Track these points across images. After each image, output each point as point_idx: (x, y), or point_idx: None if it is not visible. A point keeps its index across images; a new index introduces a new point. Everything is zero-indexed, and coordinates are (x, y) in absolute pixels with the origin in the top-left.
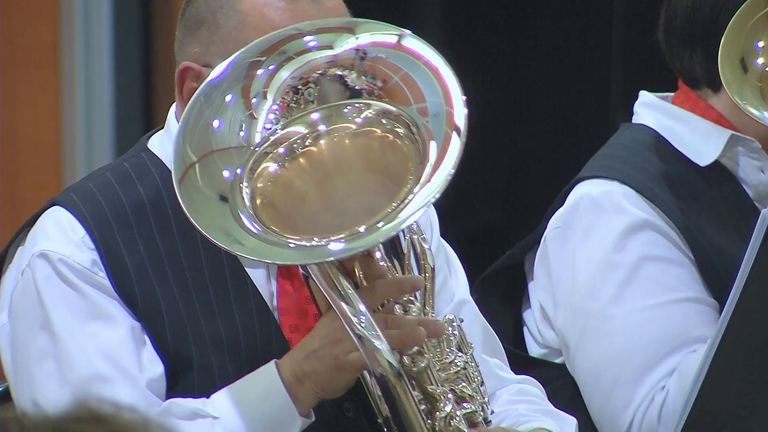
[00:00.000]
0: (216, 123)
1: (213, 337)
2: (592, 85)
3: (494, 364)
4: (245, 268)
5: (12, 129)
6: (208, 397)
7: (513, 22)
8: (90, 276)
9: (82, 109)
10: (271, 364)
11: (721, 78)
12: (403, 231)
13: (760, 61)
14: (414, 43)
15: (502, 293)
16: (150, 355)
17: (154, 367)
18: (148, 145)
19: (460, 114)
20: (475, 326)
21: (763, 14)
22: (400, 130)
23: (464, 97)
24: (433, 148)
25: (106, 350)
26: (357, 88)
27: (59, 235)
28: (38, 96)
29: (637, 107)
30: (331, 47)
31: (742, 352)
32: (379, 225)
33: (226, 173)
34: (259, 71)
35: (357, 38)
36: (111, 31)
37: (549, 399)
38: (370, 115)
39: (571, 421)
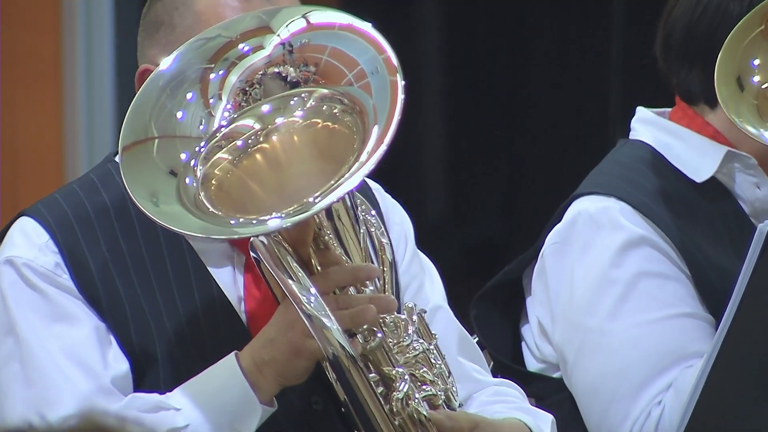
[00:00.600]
0: (180, 114)
1: (178, 335)
2: (591, 100)
3: (471, 367)
4: (209, 270)
5: (14, 138)
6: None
7: (513, 37)
8: (53, 278)
9: (83, 119)
10: (231, 355)
11: (718, 97)
12: (357, 221)
13: (756, 78)
14: (319, 15)
15: (501, 308)
16: (115, 353)
17: (118, 364)
18: (115, 158)
19: (392, 53)
20: (451, 331)
21: (758, 32)
22: (336, 110)
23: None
24: (380, 119)
25: (70, 350)
26: (295, 80)
27: (24, 241)
28: (40, 106)
29: (635, 123)
30: (262, 47)
31: (739, 368)
32: (316, 200)
33: (183, 156)
34: (212, 76)
35: (278, 35)
36: (112, 41)
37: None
38: (311, 104)
39: (547, 417)
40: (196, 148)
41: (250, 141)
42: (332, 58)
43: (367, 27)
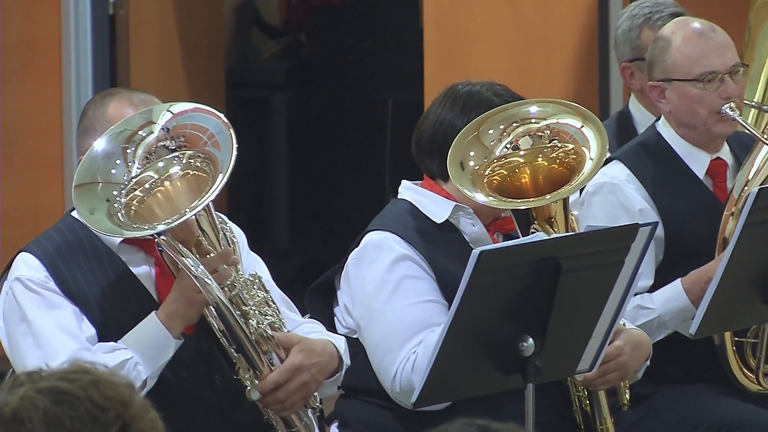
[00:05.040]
0: (114, 171)
1: (121, 311)
2: (375, 176)
3: (289, 314)
4: (132, 271)
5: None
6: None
7: (333, 130)
8: (45, 285)
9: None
10: (153, 313)
11: (449, 174)
12: (216, 228)
13: (472, 163)
14: (177, 106)
15: (322, 297)
16: (86, 324)
17: (89, 330)
18: (72, 214)
19: (225, 118)
20: (276, 295)
21: (473, 136)
22: (198, 161)
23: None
24: (224, 162)
25: (61, 325)
26: (173, 147)
27: (25, 266)
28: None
29: (401, 189)
30: (153, 132)
31: (461, 332)
32: (186, 212)
33: (115, 192)
34: (129, 151)
35: (158, 124)
36: None
37: (352, 359)
38: (185, 161)
39: (341, 339)
40: (122, 188)
41: (150, 185)
42: (192, 129)
43: (207, 107)
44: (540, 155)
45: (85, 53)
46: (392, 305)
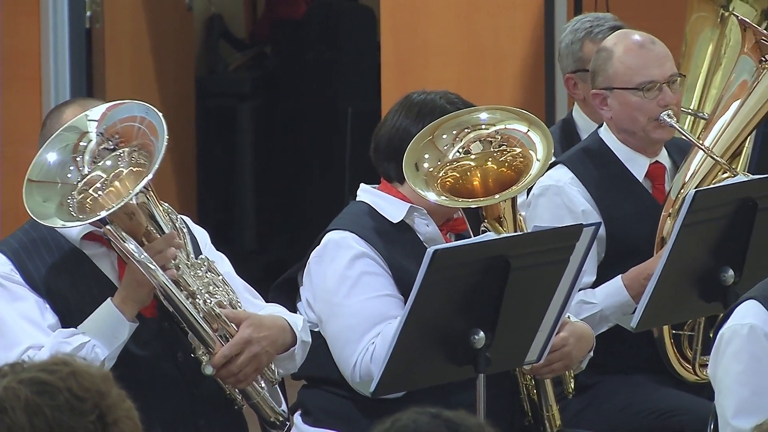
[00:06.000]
0: (69, 176)
1: (83, 299)
2: (336, 181)
3: (251, 299)
4: (95, 263)
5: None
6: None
7: (298, 137)
8: (10, 278)
9: None
10: (108, 299)
11: (405, 176)
12: (162, 215)
13: (425, 165)
14: (95, 111)
15: (286, 293)
16: (49, 313)
17: (52, 318)
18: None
19: (142, 102)
20: (239, 283)
21: (427, 140)
22: (137, 156)
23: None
24: (158, 148)
25: (24, 314)
26: (112, 146)
27: None
28: None
29: (359, 192)
30: (92, 139)
31: (417, 325)
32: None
33: (71, 190)
34: (78, 159)
35: (92, 131)
36: None
37: (313, 351)
38: (126, 158)
39: (300, 317)
40: (75, 186)
41: (101, 184)
42: (122, 123)
43: (120, 101)
44: (490, 159)
45: (63, 64)
46: (351, 300)
